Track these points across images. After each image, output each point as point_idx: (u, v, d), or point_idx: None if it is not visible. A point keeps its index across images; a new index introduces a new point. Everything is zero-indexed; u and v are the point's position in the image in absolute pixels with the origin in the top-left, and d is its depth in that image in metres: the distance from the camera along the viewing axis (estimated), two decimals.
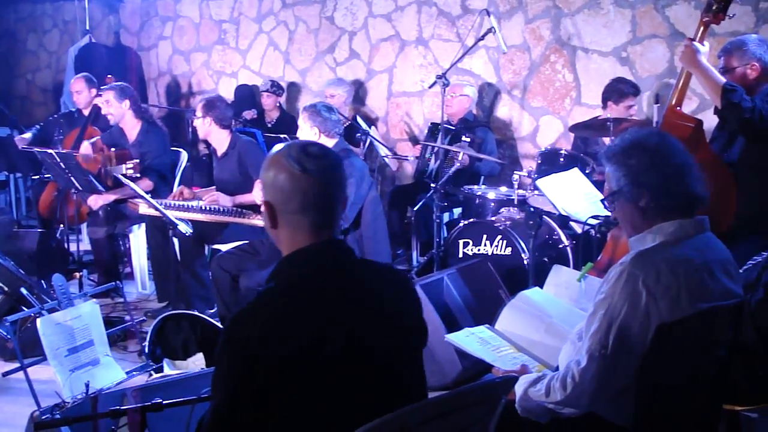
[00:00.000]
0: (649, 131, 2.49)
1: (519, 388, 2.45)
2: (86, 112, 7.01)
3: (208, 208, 5.35)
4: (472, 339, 3.14)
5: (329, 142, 4.83)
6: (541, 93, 6.70)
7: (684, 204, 2.40)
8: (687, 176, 2.40)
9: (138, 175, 5.68)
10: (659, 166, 2.39)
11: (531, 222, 4.12)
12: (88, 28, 9.71)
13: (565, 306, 3.35)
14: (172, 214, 4.90)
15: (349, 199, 4.48)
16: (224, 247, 5.33)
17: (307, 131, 4.86)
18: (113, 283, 4.42)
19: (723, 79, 3.97)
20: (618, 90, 5.83)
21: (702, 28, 4.09)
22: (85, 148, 6.23)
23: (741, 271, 2.87)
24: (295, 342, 1.86)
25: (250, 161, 5.51)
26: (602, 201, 2.59)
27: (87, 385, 3.36)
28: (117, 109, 6.10)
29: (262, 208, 2.07)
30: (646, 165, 2.39)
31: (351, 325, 1.93)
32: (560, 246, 5.21)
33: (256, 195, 5.07)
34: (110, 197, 5.89)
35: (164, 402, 2.27)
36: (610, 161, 2.47)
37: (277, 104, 7.88)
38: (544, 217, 5.00)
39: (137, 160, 5.76)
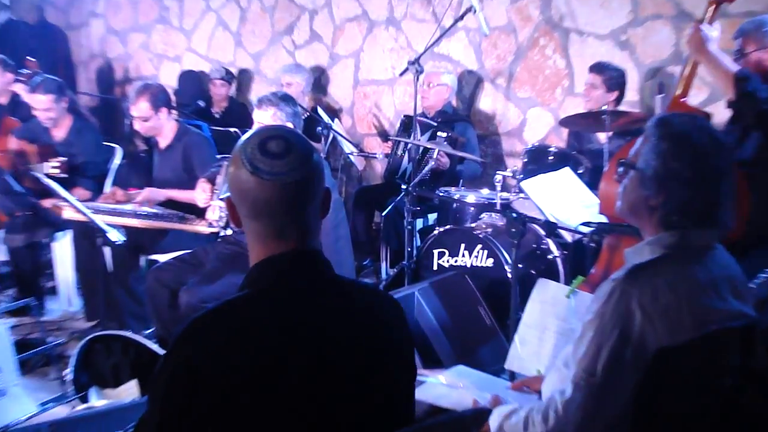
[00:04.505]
0: (725, 147, 2.39)
1: (493, 422, 2.42)
2: (1, 101, 6.92)
3: (143, 213, 5.28)
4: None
5: None
6: (529, 82, 6.70)
7: (695, 224, 2.38)
8: (719, 208, 2.36)
9: (65, 175, 5.62)
10: (698, 190, 2.33)
11: (514, 229, 4.09)
12: (7, 2, 9.61)
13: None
14: (101, 220, 4.83)
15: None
16: (163, 258, 5.27)
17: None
18: (27, 299, 4.33)
19: (735, 67, 3.97)
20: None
21: (712, 8, 4.11)
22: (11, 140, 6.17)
23: (752, 285, 2.87)
24: (244, 369, 1.83)
25: (197, 157, 5.46)
26: (619, 161, 2.54)
27: None
28: (59, 111, 6.05)
29: (225, 206, 2.05)
30: (684, 179, 2.32)
31: (315, 355, 1.90)
32: (549, 257, 5.21)
33: (198, 196, 5.01)
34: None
35: None
36: (656, 136, 2.39)
37: (228, 94, 7.86)
38: (531, 224, 4.99)
39: (64, 159, 5.70)
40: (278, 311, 1.92)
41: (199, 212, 5.22)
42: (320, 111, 7.13)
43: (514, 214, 4.31)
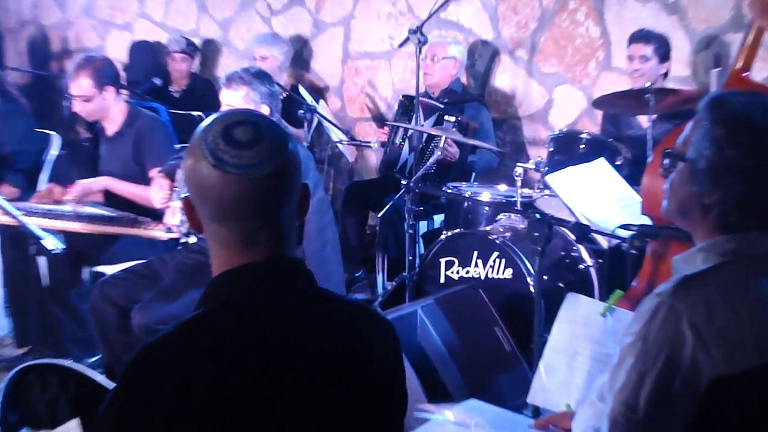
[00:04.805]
0: None
1: None
2: None
3: (87, 215, 5.27)
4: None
5: None
6: (556, 54, 6.71)
7: (758, 226, 2.36)
8: None
9: None
10: (762, 184, 2.31)
11: (537, 233, 4.10)
12: None
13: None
14: (35, 223, 4.83)
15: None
16: (111, 270, 5.27)
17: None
18: None
19: None
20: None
21: None
22: None
23: None
24: (207, 402, 1.84)
25: (151, 146, 5.46)
26: (665, 151, 2.52)
27: None
28: None
29: (182, 207, 2.06)
30: (744, 171, 2.30)
31: (288, 384, 1.91)
32: (580, 266, 5.22)
33: (155, 195, 5.00)
34: None
35: None
36: (710, 120, 2.36)
37: (190, 70, 7.87)
38: (559, 227, 4.99)
39: None
40: (247, 332, 1.93)
41: (156, 214, 5.21)
42: (302, 90, 7.14)
43: (538, 215, 4.32)
